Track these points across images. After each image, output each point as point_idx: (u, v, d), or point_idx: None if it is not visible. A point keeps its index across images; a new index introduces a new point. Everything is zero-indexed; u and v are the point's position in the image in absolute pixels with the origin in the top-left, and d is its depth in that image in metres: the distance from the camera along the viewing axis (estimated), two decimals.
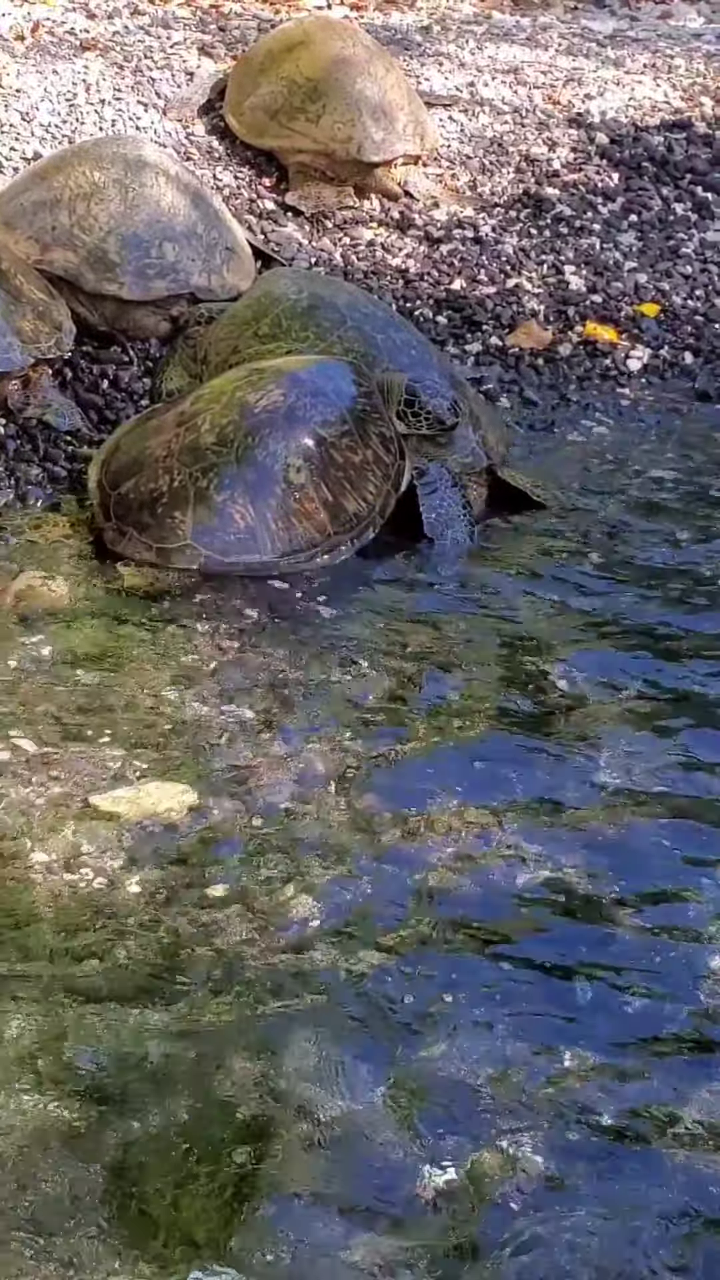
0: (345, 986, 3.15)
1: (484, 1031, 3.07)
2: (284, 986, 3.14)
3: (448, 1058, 3.02)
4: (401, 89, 6.41)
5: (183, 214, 5.41)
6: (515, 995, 3.17)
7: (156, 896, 3.32)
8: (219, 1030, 3.02)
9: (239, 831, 3.52)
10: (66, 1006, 3.04)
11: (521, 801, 3.69)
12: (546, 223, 6.38)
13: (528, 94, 7.11)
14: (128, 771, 3.64)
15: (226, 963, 3.18)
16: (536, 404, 5.42)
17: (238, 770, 3.70)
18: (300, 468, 4.42)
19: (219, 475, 4.36)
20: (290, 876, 3.40)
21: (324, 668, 4.09)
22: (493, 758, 3.84)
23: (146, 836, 3.47)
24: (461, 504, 4.66)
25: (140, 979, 3.13)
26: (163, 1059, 2.96)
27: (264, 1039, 3.02)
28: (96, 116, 6.35)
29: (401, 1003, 3.13)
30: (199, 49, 6.94)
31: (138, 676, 3.98)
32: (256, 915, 3.30)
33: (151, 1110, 2.86)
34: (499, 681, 4.13)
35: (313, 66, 6.28)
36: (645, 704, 4.05)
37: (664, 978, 3.23)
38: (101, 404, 5.07)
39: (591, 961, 3.26)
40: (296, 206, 6.18)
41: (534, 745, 3.89)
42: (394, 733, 3.89)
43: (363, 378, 4.65)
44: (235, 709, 3.89)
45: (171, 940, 3.22)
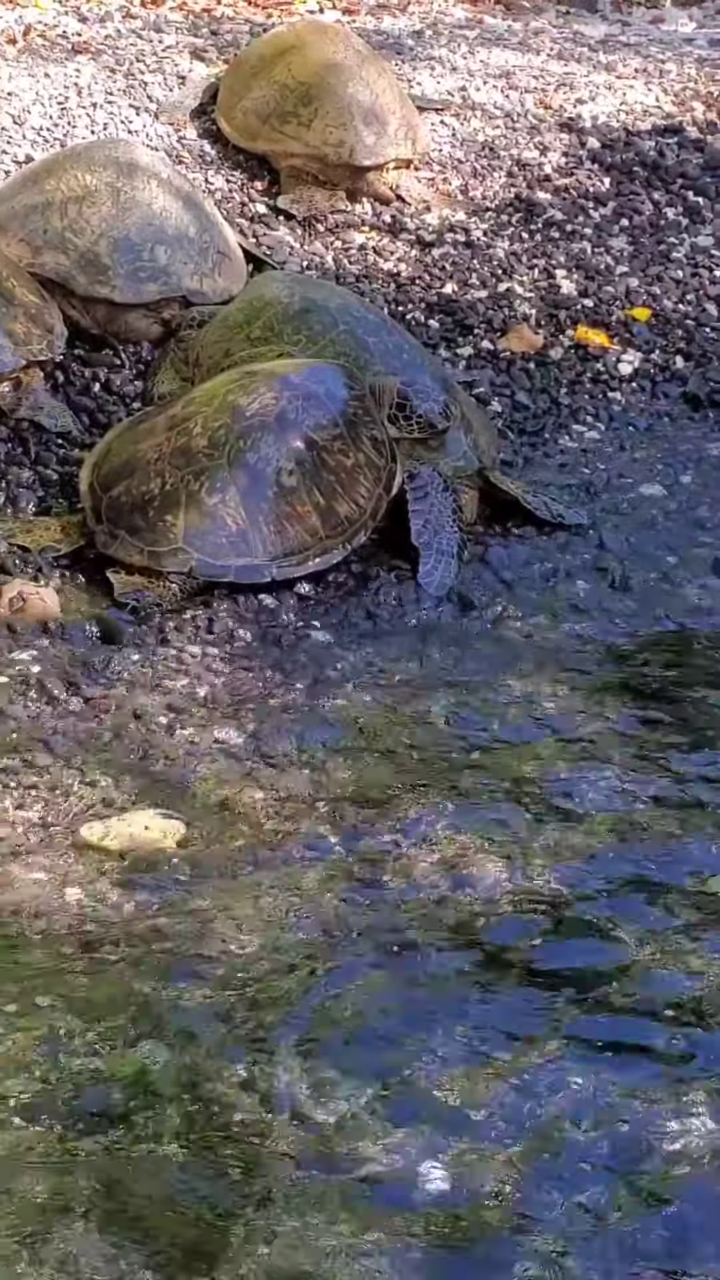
0: (339, 1003, 3.15)
1: (468, 1042, 3.08)
2: (274, 1003, 3.14)
3: (433, 1068, 3.02)
4: (393, 93, 6.42)
5: (174, 217, 5.42)
6: (505, 1007, 3.17)
7: (145, 922, 3.31)
8: (211, 1043, 3.03)
9: (228, 860, 3.51)
10: (58, 1022, 3.05)
11: (511, 824, 3.68)
12: (538, 227, 6.39)
13: (519, 98, 7.12)
14: (117, 799, 3.64)
15: (217, 981, 3.17)
16: (528, 408, 5.42)
17: (227, 798, 3.70)
18: (292, 471, 4.43)
19: (211, 478, 4.36)
20: (281, 902, 3.40)
21: (314, 693, 4.09)
22: (480, 780, 3.84)
23: (135, 865, 3.46)
24: (452, 509, 4.66)
25: (129, 1002, 3.12)
26: (154, 1071, 2.96)
27: (255, 1053, 3.02)
28: (88, 120, 6.35)
29: (392, 1015, 3.13)
30: (191, 53, 6.95)
31: (128, 701, 3.97)
32: (247, 938, 3.29)
33: (141, 1125, 2.86)
34: (487, 706, 4.12)
35: (305, 70, 6.29)
36: (634, 728, 4.06)
37: (651, 991, 3.24)
38: (93, 407, 5.07)
39: (578, 971, 3.27)
40: (288, 210, 6.18)
41: (522, 767, 3.89)
42: (384, 759, 3.89)
43: (354, 381, 4.66)
44: (225, 735, 3.89)
45: (162, 962, 3.21)
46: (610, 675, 4.31)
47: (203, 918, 3.33)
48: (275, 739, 3.89)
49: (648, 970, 3.28)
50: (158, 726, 3.89)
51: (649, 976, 3.26)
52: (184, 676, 4.09)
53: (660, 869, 3.59)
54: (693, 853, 3.64)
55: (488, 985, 3.24)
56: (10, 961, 3.19)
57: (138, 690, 4.01)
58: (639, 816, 3.74)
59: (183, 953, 3.24)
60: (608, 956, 3.32)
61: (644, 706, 4.18)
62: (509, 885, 3.49)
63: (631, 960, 3.30)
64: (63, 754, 3.76)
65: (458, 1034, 3.10)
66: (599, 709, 4.14)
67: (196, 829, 3.58)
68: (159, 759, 3.80)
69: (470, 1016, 3.15)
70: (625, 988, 3.23)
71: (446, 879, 3.51)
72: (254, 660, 4.19)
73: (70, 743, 3.80)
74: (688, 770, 3.92)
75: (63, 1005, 3.09)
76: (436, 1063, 3.03)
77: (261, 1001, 3.14)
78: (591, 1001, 3.20)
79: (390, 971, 3.25)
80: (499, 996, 3.21)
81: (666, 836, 3.69)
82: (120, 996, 3.12)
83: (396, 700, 4.11)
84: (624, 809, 3.77)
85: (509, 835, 3.65)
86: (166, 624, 4.23)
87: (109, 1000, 3.12)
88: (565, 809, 3.75)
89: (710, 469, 5.32)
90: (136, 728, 3.88)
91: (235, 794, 3.71)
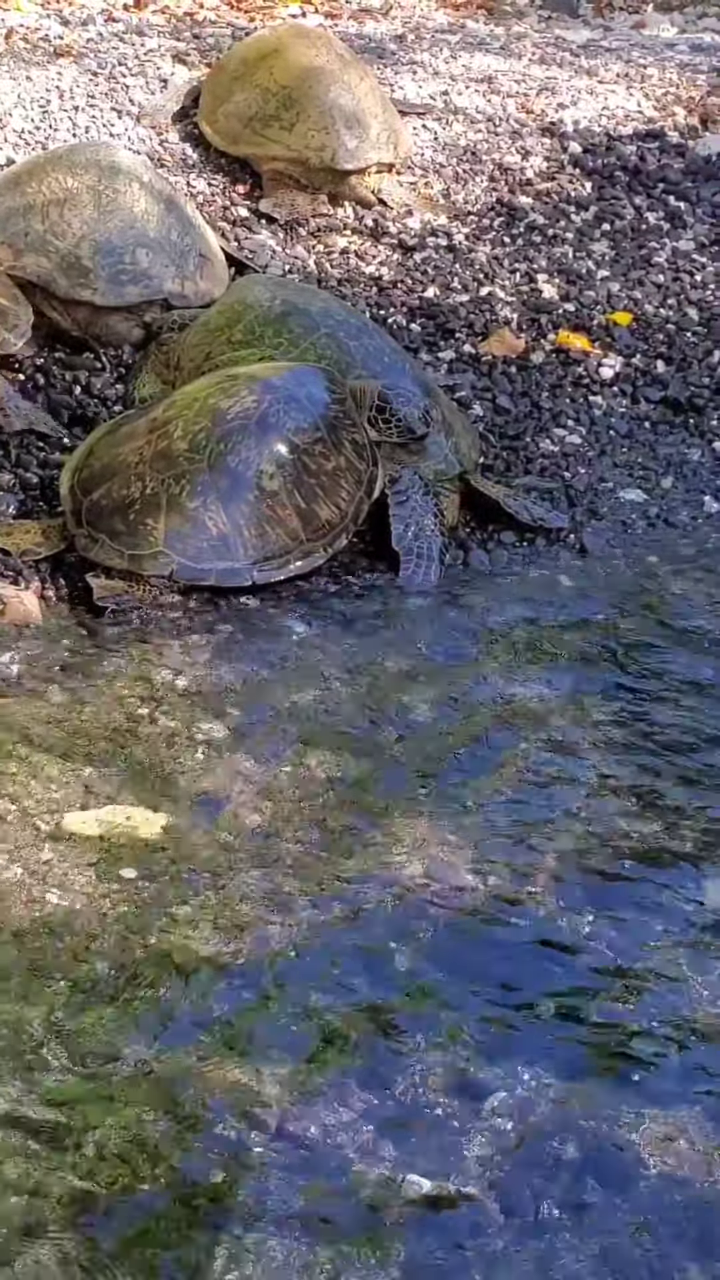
0: (319, 1004, 3.14)
1: (453, 1048, 3.07)
2: (254, 1005, 3.13)
3: (424, 1076, 3.01)
4: (375, 97, 6.43)
5: (156, 220, 5.42)
6: (483, 1012, 3.16)
7: (126, 915, 3.30)
8: (188, 1045, 3.01)
9: (210, 851, 3.50)
10: (32, 1021, 3.03)
11: (492, 818, 3.68)
12: (520, 231, 6.40)
13: (501, 103, 7.13)
14: (100, 791, 3.63)
15: (197, 981, 3.16)
16: (509, 412, 5.42)
17: (209, 789, 3.69)
18: (273, 474, 4.42)
19: (192, 482, 4.36)
20: (261, 895, 3.39)
21: (296, 685, 4.08)
22: (462, 775, 3.84)
23: (117, 856, 3.45)
24: (434, 512, 4.67)
25: (109, 997, 3.11)
26: (130, 1073, 2.95)
27: (237, 1055, 3.01)
28: (70, 123, 6.34)
29: (373, 1020, 3.12)
30: (173, 56, 6.94)
31: (110, 694, 3.97)
32: (227, 934, 3.28)
33: (121, 1127, 2.85)
34: (468, 700, 4.13)
35: (287, 74, 6.29)
36: (616, 731, 4.06)
37: (643, 997, 3.23)
38: (75, 410, 5.06)
39: (559, 980, 3.27)
40: (270, 214, 6.19)
41: (504, 762, 3.89)
42: (365, 751, 3.88)
43: (336, 384, 4.66)
44: (207, 727, 3.89)
45: (142, 959, 3.20)
46: (592, 679, 4.31)
47: (182, 912, 3.32)
48: (256, 731, 3.89)
49: (639, 976, 3.27)
50: (139, 719, 3.89)
51: (638, 983, 3.26)
52: (165, 671, 4.08)
53: (638, 868, 3.59)
54: (671, 851, 3.65)
55: (472, 988, 3.23)
56: None
57: (118, 685, 4.01)
58: (622, 809, 3.74)
59: (162, 950, 3.23)
60: (594, 960, 3.31)
61: (626, 708, 4.19)
62: (490, 886, 3.48)
63: (620, 965, 3.30)
64: (43, 746, 3.75)
65: (443, 1039, 3.09)
66: (581, 711, 4.15)
67: (178, 820, 3.57)
68: (140, 751, 3.79)
69: (456, 1021, 3.13)
70: (614, 993, 3.23)
71: (428, 876, 3.50)
72: (234, 656, 4.18)
73: (50, 735, 3.79)
74: (669, 770, 3.92)
75: (36, 1003, 3.07)
76: (416, 1071, 3.02)
77: (240, 1003, 3.13)
78: (578, 1006, 3.20)
79: (370, 973, 3.24)
80: (484, 999, 3.20)
81: (644, 836, 3.69)
82: (97, 995, 3.11)
83: (378, 696, 4.11)
84: (603, 807, 3.77)
85: (492, 830, 3.64)
86: (147, 621, 4.22)
87: (85, 999, 3.10)
88: (547, 805, 3.75)
89: (691, 473, 5.33)
90: (117, 721, 3.87)
91: (217, 785, 3.70)
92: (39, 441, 4.88)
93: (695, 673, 4.34)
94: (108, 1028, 3.04)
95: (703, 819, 3.77)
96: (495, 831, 3.65)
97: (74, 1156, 2.80)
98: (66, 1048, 2.99)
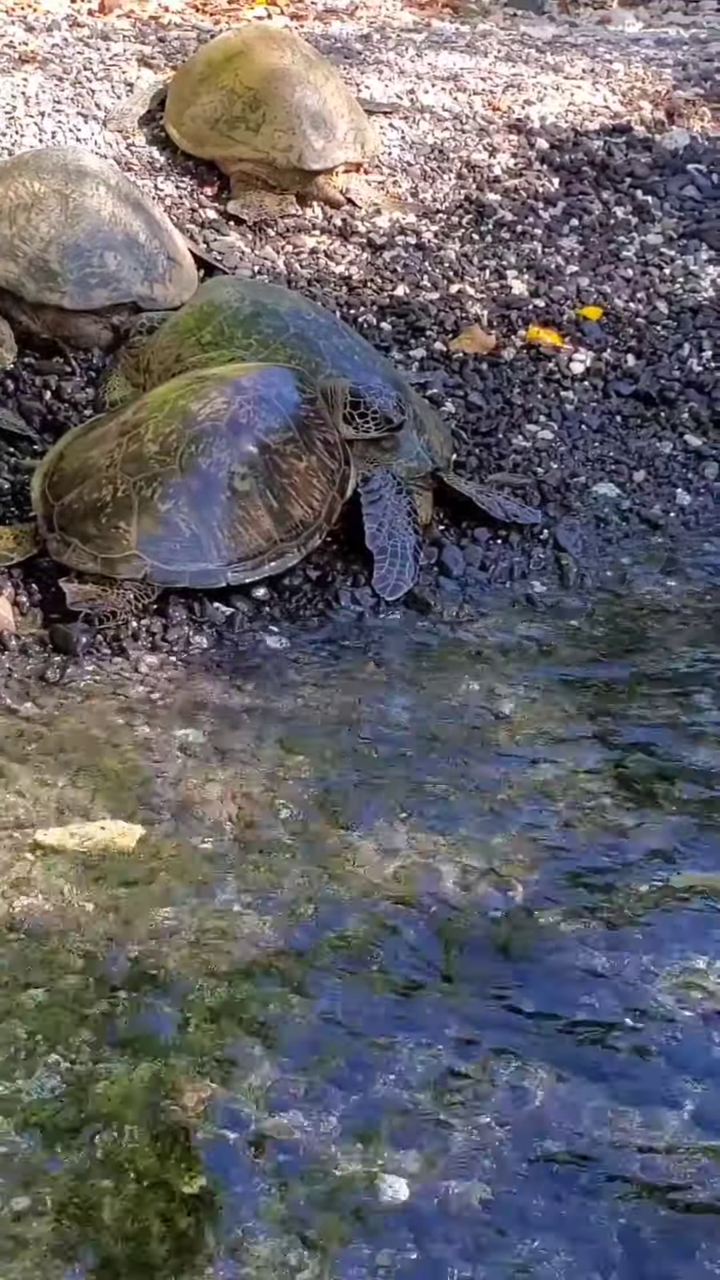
0: (299, 1010, 3.14)
1: (437, 1053, 3.06)
2: (236, 1013, 3.12)
3: (404, 1080, 3.01)
4: (341, 97, 6.43)
5: (124, 223, 5.41)
6: (469, 1016, 3.16)
7: (105, 927, 3.28)
8: (170, 1056, 3.01)
9: (187, 860, 3.49)
10: (10, 1034, 3.02)
11: (470, 824, 3.68)
12: (488, 228, 6.40)
13: (468, 101, 7.14)
14: (75, 803, 3.62)
15: (178, 990, 3.15)
16: (481, 408, 5.42)
17: (185, 799, 3.68)
18: (245, 475, 4.42)
19: (163, 484, 4.35)
20: (240, 902, 3.39)
21: (270, 695, 4.08)
22: (439, 781, 3.83)
23: (94, 868, 3.43)
24: (407, 511, 4.66)
25: (89, 1008, 3.10)
26: (110, 1085, 2.94)
27: (218, 1065, 3.00)
28: (36, 129, 6.33)
29: (355, 1026, 3.12)
30: (139, 60, 6.93)
31: (84, 706, 3.95)
32: (207, 943, 3.27)
33: (103, 1138, 2.84)
34: (444, 705, 4.13)
35: (252, 76, 6.29)
36: (590, 727, 4.07)
37: (621, 998, 3.23)
38: (45, 414, 5.05)
39: (542, 977, 3.26)
40: (238, 215, 6.18)
41: (481, 767, 3.89)
42: (342, 758, 3.88)
43: (306, 384, 4.65)
44: (183, 737, 3.88)
45: (121, 969, 3.19)
46: (566, 675, 4.32)
47: (162, 923, 3.31)
48: (233, 739, 3.88)
49: (616, 976, 3.27)
50: (114, 730, 3.88)
51: (616, 983, 3.25)
52: (140, 684, 4.07)
53: (621, 867, 3.60)
54: (652, 849, 3.65)
55: (451, 993, 3.22)
56: None
57: (94, 698, 4.00)
58: (598, 816, 3.74)
59: (142, 960, 3.22)
60: (572, 961, 3.31)
61: (600, 706, 4.19)
62: (471, 888, 3.48)
63: (598, 966, 3.30)
64: (16, 758, 3.74)
65: (423, 1043, 3.08)
66: (556, 709, 4.15)
67: (155, 830, 3.56)
68: (116, 761, 3.78)
69: (435, 1025, 3.13)
70: (592, 994, 3.22)
71: (407, 880, 3.49)
72: (210, 666, 4.18)
73: (25, 748, 3.77)
74: (645, 770, 3.93)
75: (22, 1015, 3.06)
76: (401, 1073, 3.02)
77: (224, 1010, 3.12)
78: (557, 1008, 3.19)
79: (352, 979, 3.23)
80: (463, 1003, 3.19)
81: (622, 831, 3.69)
82: (80, 1006, 3.10)
83: (354, 701, 4.11)
84: (583, 808, 3.77)
85: (469, 835, 3.64)
86: (122, 633, 4.22)
87: (70, 1010, 3.09)
88: (524, 809, 3.75)
89: (662, 467, 5.33)
90: (92, 732, 3.87)
91: (193, 794, 3.69)
92: (9, 447, 4.87)
93: (670, 668, 4.35)
94: (87, 1039, 3.02)
95: (679, 806, 3.78)
96: (473, 837, 3.64)
97: (56, 1170, 2.78)
98: (45, 1060, 2.97)
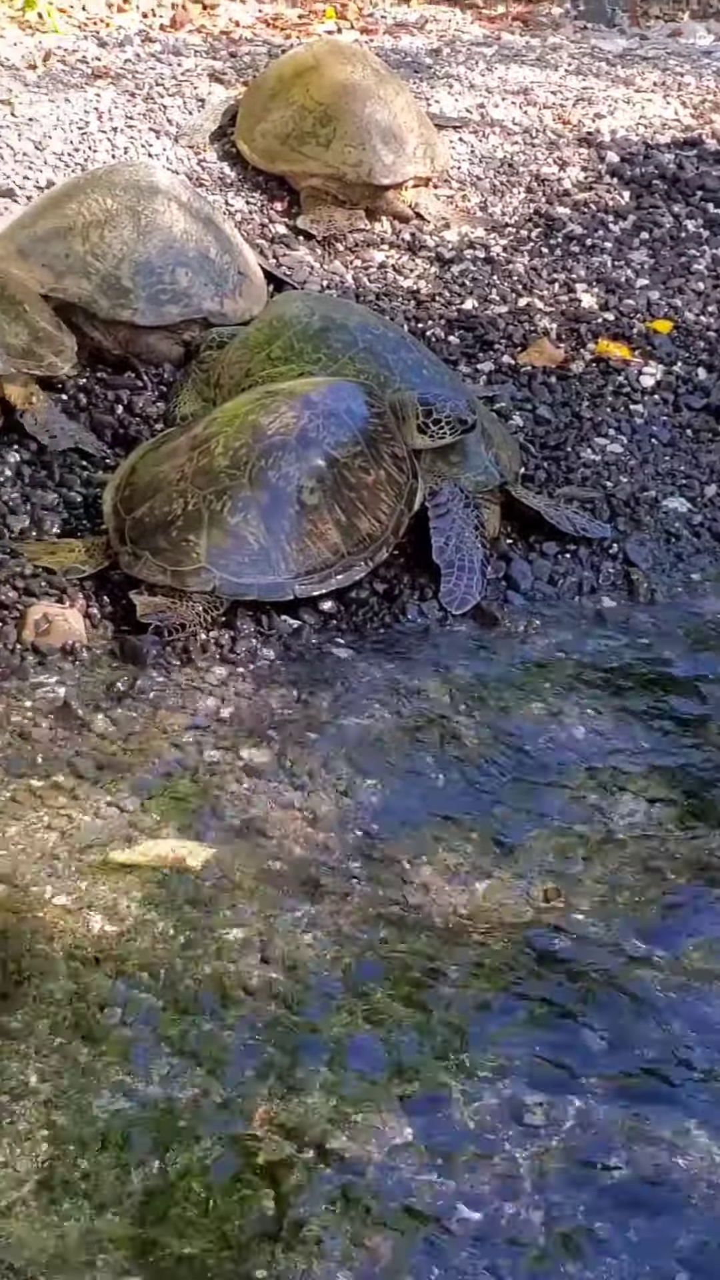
0: (364, 1031, 3.14)
1: (508, 1078, 3.06)
2: (305, 1034, 3.13)
3: (474, 1104, 3.01)
4: (411, 112, 6.45)
5: (195, 240, 5.45)
6: (532, 1039, 3.15)
7: (174, 945, 3.30)
8: (239, 1075, 3.03)
9: (256, 881, 3.50)
10: (84, 1053, 3.04)
11: (540, 847, 3.67)
12: (558, 242, 6.40)
13: (538, 114, 7.14)
14: (144, 820, 3.63)
15: (245, 1009, 3.17)
16: (549, 422, 5.41)
17: (253, 818, 3.68)
18: (313, 489, 4.43)
19: (232, 498, 4.38)
20: (308, 925, 3.39)
21: (337, 712, 4.07)
22: (507, 805, 3.81)
23: (163, 886, 3.45)
24: (474, 524, 4.66)
25: (159, 1026, 3.12)
26: (181, 1104, 2.96)
27: (284, 1084, 3.02)
28: (109, 144, 6.39)
29: (420, 1047, 3.12)
30: (210, 75, 6.99)
31: (154, 722, 3.97)
32: (275, 964, 3.29)
33: (172, 1156, 2.86)
34: (511, 725, 4.10)
35: (323, 91, 6.33)
36: (660, 750, 4.04)
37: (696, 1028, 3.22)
38: (117, 428, 5.09)
39: (603, 1005, 3.25)
40: (308, 230, 6.21)
41: (549, 791, 3.87)
42: (409, 777, 3.87)
43: (375, 398, 4.67)
44: (251, 754, 3.88)
45: (189, 987, 3.21)
46: (636, 693, 4.29)
47: (228, 945, 3.32)
48: (301, 759, 3.89)
49: (672, 1004, 3.25)
50: (183, 747, 3.90)
51: (674, 1011, 3.24)
52: (208, 697, 4.09)
53: (693, 900, 3.56)
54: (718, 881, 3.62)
55: (521, 1019, 3.22)
56: (34, 989, 3.18)
57: (163, 711, 4.01)
58: (668, 845, 3.71)
59: (211, 980, 3.23)
60: (645, 992, 3.29)
61: (670, 727, 4.16)
62: (539, 916, 3.47)
63: (658, 995, 3.28)
64: (88, 776, 3.77)
65: (493, 1067, 3.08)
66: (625, 729, 4.12)
67: (224, 849, 3.57)
68: (185, 780, 3.80)
69: (506, 1050, 3.12)
70: (666, 1025, 3.21)
71: (476, 905, 3.48)
72: (278, 680, 4.20)
73: (95, 765, 3.80)
74: (717, 795, 3.90)
75: (88, 1035, 3.08)
76: (471, 1097, 3.02)
77: (292, 1031, 3.14)
78: (629, 1038, 3.18)
79: (421, 1002, 3.22)
80: (533, 1030, 3.19)
81: (695, 866, 3.66)
82: (147, 1027, 3.12)
83: (421, 720, 4.10)
84: (652, 837, 3.74)
85: (538, 862, 3.63)
86: (190, 645, 4.24)
87: (135, 1030, 3.11)
88: (593, 837, 3.73)
89: None
90: (162, 749, 3.88)
91: (262, 815, 3.70)
92: (82, 460, 4.92)
93: None
94: (157, 1058, 3.04)
95: None
96: (542, 864, 3.63)
97: (127, 1186, 2.81)
98: (116, 1077, 3.00)
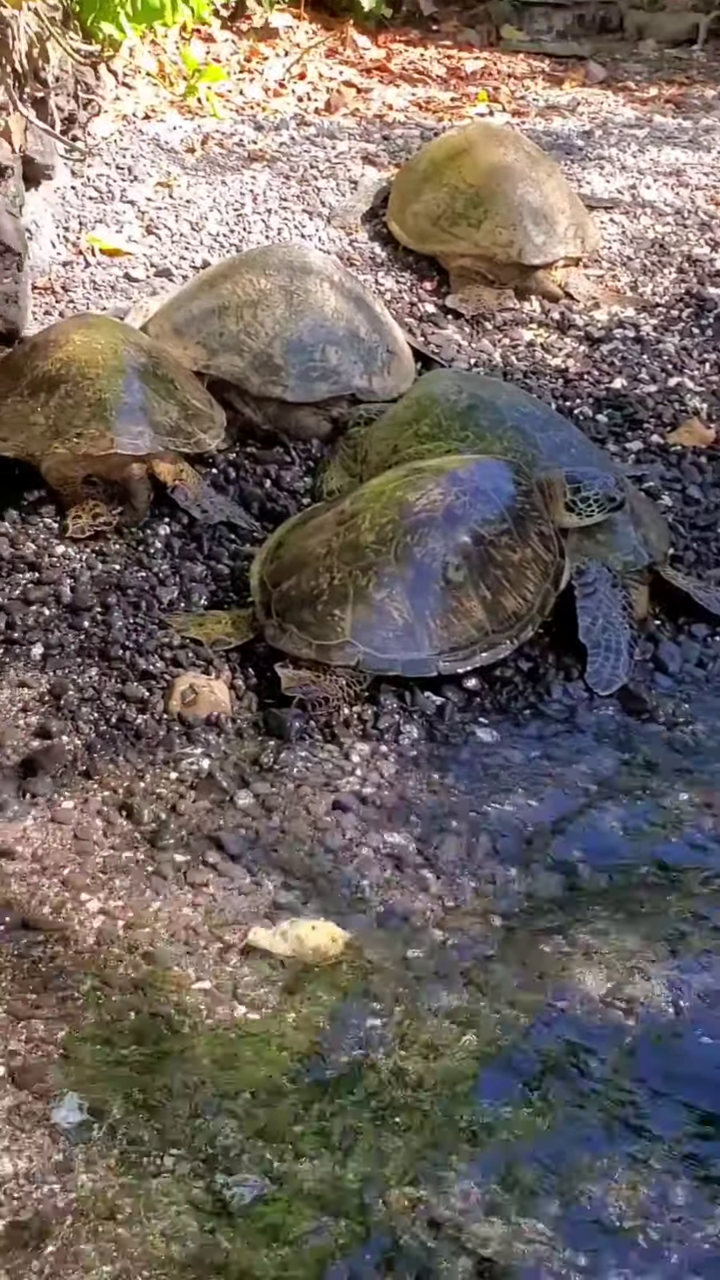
0: (506, 1120, 3.09)
1: (648, 1170, 3.01)
2: (442, 1121, 3.09)
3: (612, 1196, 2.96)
4: (562, 193, 6.48)
5: (345, 318, 5.52)
6: (682, 1136, 3.09)
7: (313, 1031, 3.29)
8: (377, 1160, 3.00)
9: (395, 967, 3.47)
10: (224, 1134, 3.04)
11: (687, 937, 3.58)
12: (709, 321, 6.36)
13: (690, 195, 7.13)
14: (286, 902, 3.63)
15: (384, 1097, 3.14)
16: (699, 502, 5.36)
17: (393, 905, 3.66)
18: (459, 566, 4.43)
19: (378, 573, 4.39)
20: (448, 1011, 3.36)
21: (480, 798, 4.03)
22: (653, 900, 3.73)
23: (303, 971, 3.44)
24: (622, 605, 4.61)
25: (297, 1112, 3.10)
26: (319, 1186, 2.95)
27: (424, 1171, 2.98)
28: (263, 225, 6.51)
29: (562, 1139, 3.07)
30: (363, 158, 7.10)
31: (296, 799, 3.96)
32: (414, 1050, 3.25)
33: (310, 1238, 2.84)
34: (661, 816, 4.02)
35: (475, 173, 6.39)
36: None
37: None
38: (264, 502, 5.15)
39: None
40: (457, 309, 6.25)
41: (696, 886, 3.78)
42: (552, 871, 3.82)
43: (522, 477, 4.66)
44: (392, 839, 3.85)
45: (327, 1075, 3.19)
46: None
47: (367, 1031, 3.30)
48: (442, 845, 3.85)
49: None
50: (325, 826, 3.88)
51: None
52: (351, 775, 4.08)
53: None
54: None
55: (662, 1111, 3.15)
56: (177, 1072, 3.18)
57: (305, 788, 4.01)
58: None
59: (348, 1067, 3.21)
60: None
61: None
62: (683, 1010, 3.39)
63: None
64: (233, 851, 3.77)
65: (633, 1159, 3.02)
66: None
67: (362, 935, 3.55)
68: (326, 861, 3.78)
69: (646, 1142, 3.06)
70: None
71: (619, 996, 3.42)
72: (420, 759, 4.17)
73: (240, 840, 3.80)
74: None
75: (231, 1116, 3.08)
76: (610, 1189, 2.96)
77: (429, 1118, 3.10)
78: None
79: (561, 1092, 3.17)
80: (674, 1123, 3.12)
81: None
82: (285, 1110, 3.11)
83: (567, 807, 4.03)
84: None
85: (683, 958, 3.54)
86: (333, 719, 4.24)
87: (274, 1113, 3.10)
88: None
89: None
90: (305, 830, 3.88)
91: (402, 899, 3.68)
92: (230, 534, 4.97)
93: None
94: (295, 1143, 3.03)
95: None
96: (691, 949, 3.55)
97: (263, 1268, 2.79)
98: (255, 1161, 2.99)
